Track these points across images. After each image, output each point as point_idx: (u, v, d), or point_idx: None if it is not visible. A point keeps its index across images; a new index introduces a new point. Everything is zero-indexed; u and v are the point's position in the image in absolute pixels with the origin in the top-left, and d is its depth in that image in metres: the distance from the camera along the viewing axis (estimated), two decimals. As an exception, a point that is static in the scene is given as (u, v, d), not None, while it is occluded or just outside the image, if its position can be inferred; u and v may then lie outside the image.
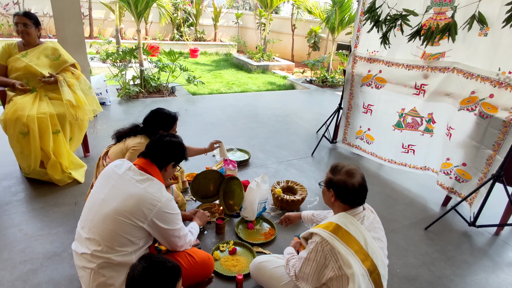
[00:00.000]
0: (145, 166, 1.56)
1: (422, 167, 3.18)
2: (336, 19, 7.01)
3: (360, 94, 3.49)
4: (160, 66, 5.44)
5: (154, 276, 1.19)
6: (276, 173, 3.28)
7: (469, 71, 2.55)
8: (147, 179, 1.50)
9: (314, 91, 6.81)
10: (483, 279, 2.17)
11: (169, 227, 1.52)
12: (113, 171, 1.54)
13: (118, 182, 1.49)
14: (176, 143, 1.68)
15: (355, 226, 1.44)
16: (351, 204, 1.51)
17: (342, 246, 1.38)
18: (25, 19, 2.66)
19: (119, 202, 1.43)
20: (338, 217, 1.48)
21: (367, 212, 1.55)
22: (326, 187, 1.56)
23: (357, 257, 1.38)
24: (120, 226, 1.41)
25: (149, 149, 1.62)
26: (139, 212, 1.42)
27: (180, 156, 1.70)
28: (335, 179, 1.51)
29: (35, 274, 1.88)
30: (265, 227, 2.45)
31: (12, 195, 2.56)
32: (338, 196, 1.51)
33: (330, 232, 1.41)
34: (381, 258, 1.45)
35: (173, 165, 1.68)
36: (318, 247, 1.41)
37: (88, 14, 8.75)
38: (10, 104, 2.59)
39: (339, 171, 1.52)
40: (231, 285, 1.91)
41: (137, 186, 1.46)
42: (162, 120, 2.16)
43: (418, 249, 2.38)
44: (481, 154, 2.52)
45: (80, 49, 3.88)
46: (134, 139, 2.12)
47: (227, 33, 11.89)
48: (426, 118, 3.02)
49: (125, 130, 2.20)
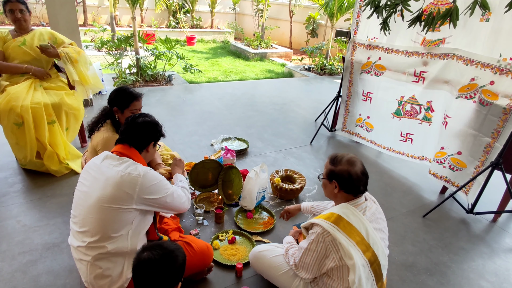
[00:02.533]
0: (123, 150, 1.54)
1: (420, 156, 3.17)
2: (335, 4, 6.89)
3: (359, 81, 3.45)
4: (157, 54, 5.36)
5: (162, 265, 1.18)
6: (275, 162, 3.27)
7: (469, 57, 2.51)
8: (123, 161, 1.49)
9: (313, 79, 6.74)
10: (480, 265, 2.19)
11: (160, 195, 1.51)
12: (93, 163, 1.54)
13: (97, 172, 1.48)
14: (150, 122, 1.64)
15: (357, 217, 1.43)
16: (355, 193, 1.50)
17: (344, 237, 1.37)
18: (20, 5, 2.62)
19: (100, 190, 1.42)
20: (340, 208, 1.47)
21: (369, 203, 1.54)
22: (327, 179, 1.54)
23: (358, 248, 1.38)
24: (108, 213, 1.40)
25: (124, 134, 1.59)
26: (122, 194, 1.41)
27: (157, 133, 1.67)
28: (337, 169, 1.49)
29: (34, 265, 1.88)
30: (264, 216, 2.45)
31: (9, 186, 2.54)
32: (342, 186, 1.49)
33: (331, 223, 1.40)
34: (382, 249, 1.46)
35: (154, 145, 1.66)
36: (319, 238, 1.41)
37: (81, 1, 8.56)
38: (3, 94, 2.54)
39: (339, 161, 1.50)
40: (231, 274, 1.92)
41: (114, 170, 1.45)
42: (119, 96, 2.05)
43: (416, 237, 2.40)
44: (478, 142, 2.51)
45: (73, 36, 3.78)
46: (97, 135, 2.06)
47: (224, 20, 11.69)
48: (425, 106, 3.00)
49: (95, 118, 2.13)
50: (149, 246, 1.22)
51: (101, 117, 2.11)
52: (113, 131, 2.08)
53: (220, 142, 3.48)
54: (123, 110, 2.06)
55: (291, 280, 1.61)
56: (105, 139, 2.01)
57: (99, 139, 2.03)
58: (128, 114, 2.05)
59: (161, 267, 1.17)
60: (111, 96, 2.08)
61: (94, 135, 2.09)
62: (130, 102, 2.05)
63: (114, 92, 2.08)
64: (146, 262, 1.17)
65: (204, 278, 1.86)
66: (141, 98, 2.12)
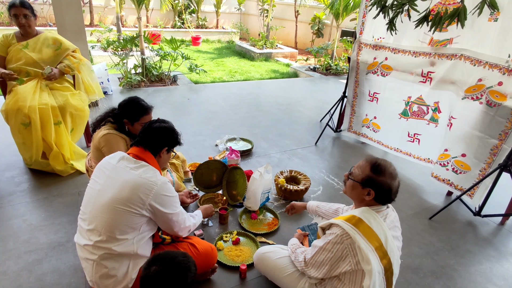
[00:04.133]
0: (139, 154, 1.55)
1: (426, 158, 3.14)
2: (341, 4, 6.85)
3: (365, 82, 3.43)
4: (162, 55, 5.37)
5: (168, 278, 1.21)
6: (279, 163, 3.26)
7: (476, 58, 2.47)
8: (141, 165, 1.50)
9: (318, 79, 6.72)
10: (487, 268, 2.16)
11: (168, 211, 1.51)
12: (107, 162, 1.54)
13: (112, 172, 1.49)
14: (167, 128, 1.65)
15: (378, 222, 1.40)
16: (385, 203, 1.46)
17: (363, 241, 1.34)
18: (24, 10, 2.60)
19: (116, 190, 1.43)
20: (362, 212, 1.42)
21: (390, 210, 1.50)
22: (361, 185, 1.45)
23: (376, 254, 1.34)
24: (119, 214, 1.41)
25: (141, 136, 1.60)
26: (136, 198, 1.42)
27: (173, 140, 1.67)
28: (379, 179, 1.41)
29: (40, 264, 1.89)
30: (269, 217, 2.44)
31: (16, 185, 2.56)
32: (377, 196, 1.43)
33: (352, 225, 1.37)
34: (397, 258, 1.42)
35: (167, 150, 1.66)
36: (337, 239, 1.37)
37: (88, 1, 8.62)
38: (11, 95, 2.57)
39: (383, 172, 1.41)
40: (235, 275, 1.92)
41: (131, 173, 1.46)
42: (130, 109, 2.06)
43: (422, 239, 2.37)
44: (484, 144, 2.47)
45: (80, 36, 3.82)
46: (98, 133, 2.06)
47: (229, 20, 11.69)
48: (432, 107, 2.97)
49: (100, 117, 2.14)
50: (160, 260, 1.25)
51: (105, 117, 2.13)
52: (115, 129, 2.09)
53: (225, 143, 3.48)
54: (133, 123, 2.08)
55: (296, 282, 1.60)
56: (105, 136, 2.02)
57: (99, 137, 2.04)
58: (138, 127, 2.06)
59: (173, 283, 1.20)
60: (122, 105, 2.08)
61: (94, 134, 2.10)
62: (140, 116, 2.07)
63: (126, 103, 2.08)
64: (155, 277, 1.20)
65: (208, 279, 1.86)
66: (151, 110, 2.13)
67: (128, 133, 2.13)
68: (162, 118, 1.74)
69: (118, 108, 2.11)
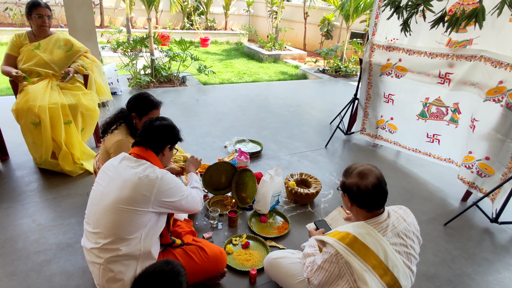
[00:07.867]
0: (140, 153, 1.54)
1: (446, 158, 3.06)
2: (351, 6, 6.79)
3: (380, 83, 3.36)
4: (171, 56, 5.38)
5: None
6: (289, 165, 3.21)
7: (497, 59, 2.40)
8: (141, 163, 1.48)
9: (327, 81, 6.65)
10: (506, 277, 2.08)
11: (177, 198, 1.53)
12: (110, 164, 1.54)
13: (114, 173, 1.48)
14: (167, 125, 1.64)
15: (374, 238, 1.32)
16: (369, 208, 1.38)
17: (358, 261, 1.28)
18: (49, 11, 2.66)
19: (117, 191, 1.42)
20: (356, 227, 1.35)
21: (394, 220, 1.40)
22: (342, 191, 1.45)
23: (374, 273, 1.27)
24: (123, 214, 1.39)
25: (141, 136, 1.59)
26: (139, 196, 1.41)
27: (174, 138, 1.66)
28: (347, 182, 1.39)
29: (48, 265, 1.88)
30: (279, 220, 2.40)
31: (25, 185, 2.56)
32: (353, 200, 1.39)
33: (345, 245, 1.30)
34: (404, 270, 1.33)
35: (170, 148, 1.66)
36: (332, 259, 1.32)
37: (98, 3, 8.71)
38: (21, 94, 2.57)
39: (350, 173, 1.39)
40: (245, 279, 1.88)
41: (131, 172, 1.45)
42: (139, 102, 2.05)
43: (437, 246, 2.30)
44: (506, 148, 2.40)
45: (90, 37, 3.84)
46: (111, 137, 2.04)
47: (238, 22, 11.69)
48: (451, 107, 2.89)
49: (110, 119, 2.12)
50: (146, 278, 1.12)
51: (116, 119, 2.10)
52: (128, 134, 2.06)
53: (234, 144, 3.44)
54: (141, 117, 2.05)
55: (308, 289, 1.55)
56: (118, 142, 1.99)
57: (112, 142, 2.01)
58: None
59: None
60: (131, 101, 2.07)
61: (107, 137, 2.07)
62: (149, 110, 2.05)
63: (135, 98, 2.07)
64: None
65: (217, 283, 1.82)
66: (160, 106, 2.11)
67: (135, 129, 2.10)
68: (171, 119, 1.72)
69: (128, 102, 2.09)
